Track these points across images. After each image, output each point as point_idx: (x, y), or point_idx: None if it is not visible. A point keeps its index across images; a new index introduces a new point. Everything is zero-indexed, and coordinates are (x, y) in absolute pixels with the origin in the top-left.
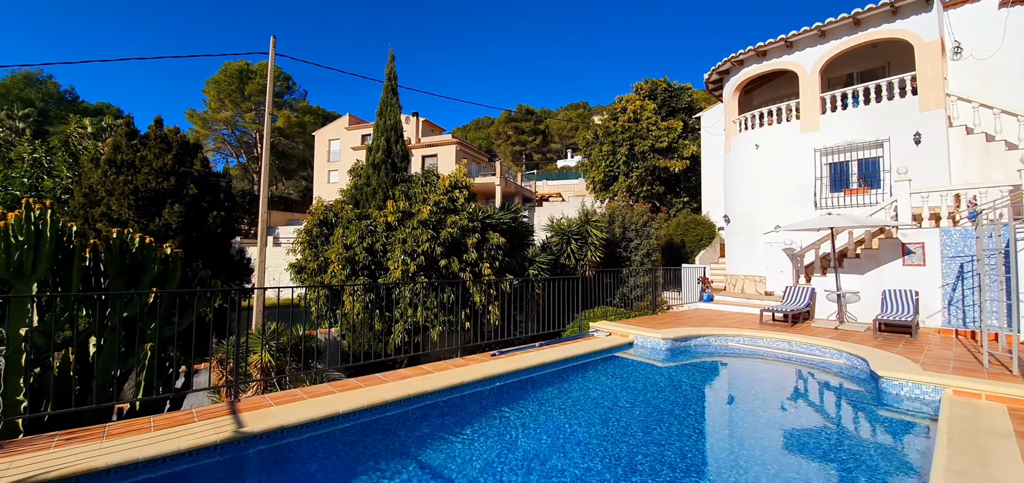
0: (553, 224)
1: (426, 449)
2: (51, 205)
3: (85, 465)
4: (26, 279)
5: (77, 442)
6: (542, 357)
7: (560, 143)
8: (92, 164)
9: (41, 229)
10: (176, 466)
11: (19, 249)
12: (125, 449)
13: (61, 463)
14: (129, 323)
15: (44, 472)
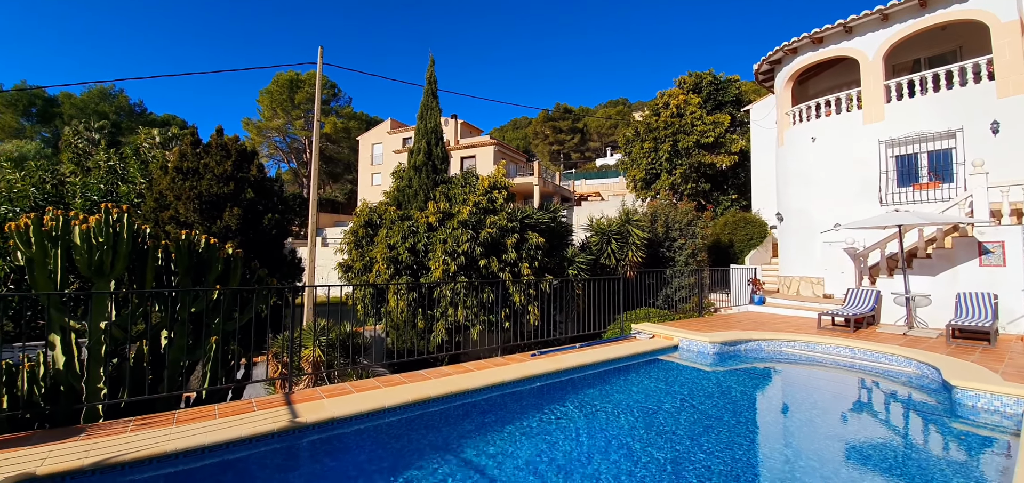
0: (592, 224)
1: (468, 445)
2: (127, 209)
3: (157, 449)
4: (106, 277)
5: (150, 427)
6: (583, 358)
7: (599, 141)
8: (161, 171)
9: (118, 231)
10: (238, 452)
11: (99, 250)
12: (192, 435)
13: (135, 446)
14: (196, 318)
15: (121, 454)
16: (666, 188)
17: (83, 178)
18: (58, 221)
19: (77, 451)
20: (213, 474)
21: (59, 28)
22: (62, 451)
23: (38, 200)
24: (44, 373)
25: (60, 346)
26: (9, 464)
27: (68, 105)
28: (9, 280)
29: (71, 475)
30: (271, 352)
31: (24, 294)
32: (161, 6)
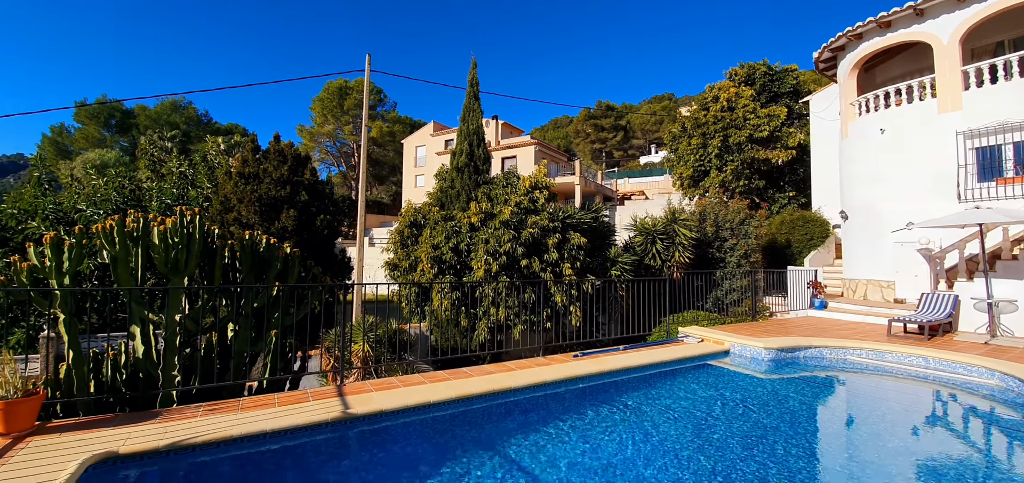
0: (636, 223)
1: (510, 443)
2: (198, 212)
3: (223, 433)
4: (180, 274)
5: (217, 413)
6: (627, 361)
7: (643, 138)
8: (226, 176)
9: (191, 232)
10: (296, 439)
11: (175, 249)
12: (255, 421)
13: (205, 430)
14: (258, 312)
15: (192, 437)
16: (716, 186)
17: (159, 183)
18: (139, 223)
19: (154, 433)
20: (273, 458)
21: (135, 46)
22: (141, 432)
23: (119, 203)
24: (125, 361)
25: (140, 336)
26: (95, 443)
27: (143, 116)
28: (94, 276)
29: (149, 455)
30: (323, 346)
31: (107, 289)
32: (226, 24)
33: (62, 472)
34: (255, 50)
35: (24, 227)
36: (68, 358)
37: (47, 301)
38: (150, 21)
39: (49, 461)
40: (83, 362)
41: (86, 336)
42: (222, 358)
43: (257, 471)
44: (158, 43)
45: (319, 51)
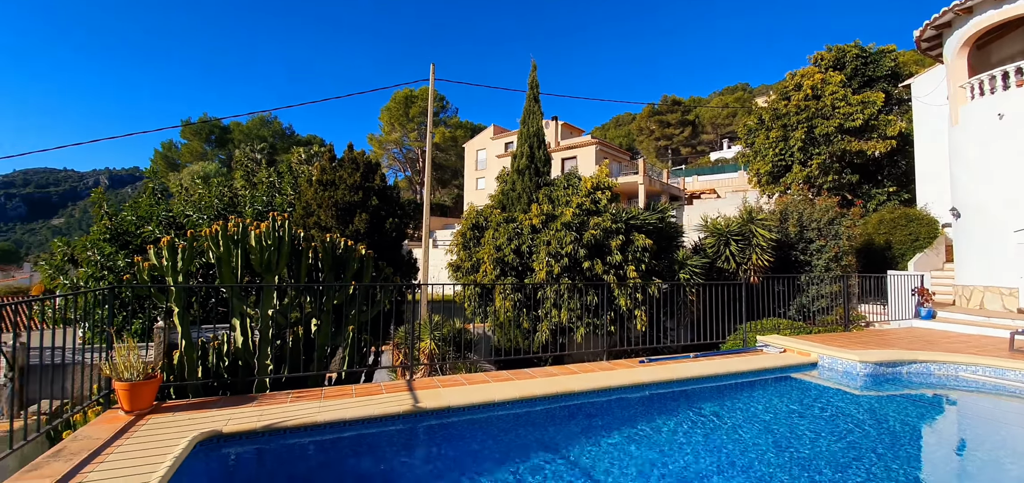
0: (707, 224)
1: (575, 447)
2: (287, 217)
3: (310, 419)
4: (272, 273)
5: (304, 400)
6: (698, 369)
7: (713, 133)
8: (307, 184)
9: (281, 235)
10: (371, 428)
11: (267, 250)
12: (336, 410)
13: (294, 415)
14: (337, 309)
15: (283, 421)
16: (799, 181)
17: (251, 191)
18: (239, 227)
19: (252, 415)
20: (351, 445)
21: (231, 69)
22: (241, 414)
23: (219, 210)
24: (227, 350)
25: (239, 328)
26: (203, 422)
27: (237, 132)
28: (198, 274)
29: (247, 435)
30: (393, 342)
31: (209, 285)
32: (307, 45)
33: (176, 446)
34: (332, 68)
35: (141, 231)
36: (180, 347)
37: (164, 296)
38: (242, 47)
39: (165, 437)
40: (193, 350)
41: (192, 328)
42: (306, 350)
43: (338, 455)
44: (250, 65)
45: (388, 64)
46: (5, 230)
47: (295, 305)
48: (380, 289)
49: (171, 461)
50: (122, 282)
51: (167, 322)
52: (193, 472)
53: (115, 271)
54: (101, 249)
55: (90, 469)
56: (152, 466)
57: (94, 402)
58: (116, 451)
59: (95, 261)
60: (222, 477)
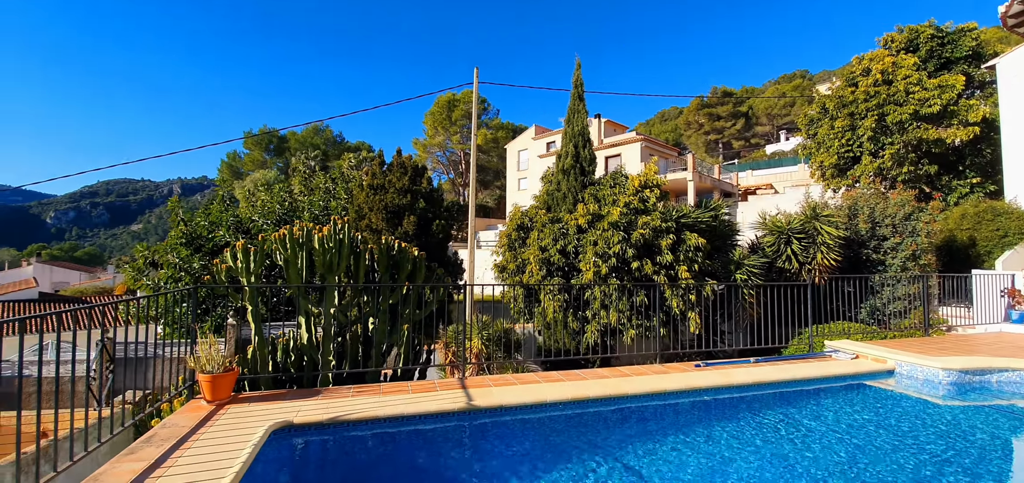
0: (765, 221)
1: (628, 450)
2: (347, 221)
3: (371, 413)
4: (333, 273)
5: (364, 395)
6: (760, 375)
7: (768, 124)
8: (359, 188)
9: (341, 238)
10: (427, 423)
11: (329, 252)
12: (395, 405)
13: (357, 409)
14: (392, 308)
15: (347, 414)
16: (869, 174)
17: (309, 197)
18: (304, 231)
19: (318, 408)
20: (408, 439)
21: (288, 83)
22: (309, 406)
23: (280, 215)
24: (293, 346)
25: (304, 326)
26: (276, 413)
27: (293, 141)
28: (263, 275)
29: (315, 426)
30: (442, 341)
31: (273, 286)
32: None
33: (254, 435)
34: (378, 75)
35: (213, 235)
36: (253, 342)
37: (239, 295)
38: (295, 60)
39: (243, 425)
40: (265, 346)
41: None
42: (364, 348)
43: (397, 448)
44: (303, 78)
45: (432, 70)
46: (91, 235)
47: (354, 304)
48: (432, 289)
49: (251, 448)
50: (201, 282)
51: (237, 319)
52: (268, 459)
53: (191, 272)
54: (178, 252)
55: (179, 454)
56: (234, 452)
57: (179, 392)
58: (201, 438)
59: (173, 264)
60: (294, 464)
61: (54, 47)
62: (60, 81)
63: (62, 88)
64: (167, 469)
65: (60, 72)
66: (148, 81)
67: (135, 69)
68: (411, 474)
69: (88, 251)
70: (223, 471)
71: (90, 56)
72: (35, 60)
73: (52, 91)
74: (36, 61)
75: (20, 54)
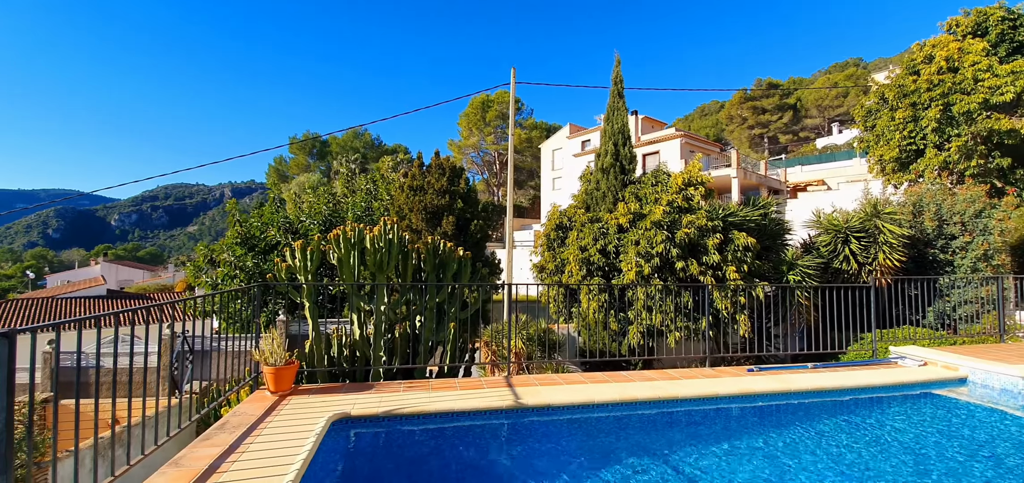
0: (820, 219)
1: (677, 454)
2: (396, 222)
3: (422, 408)
4: (383, 272)
5: (415, 390)
6: (817, 381)
7: (819, 116)
8: (399, 190)
9: (391, 238)
10: (475, 419)
11: (379, 251)
12: (445, 400)
13: (408, 403)
14: (438, 306)
15: (400, 408)
16: (934, 168)
17: (351, 198)
18: (356, 232)
19: (373, 401)
20: (457, 434)
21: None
22: (364, 399)
23: (326, 216)
24: (347, 342)
25: (356, 323)
26: (334, 405)
27: (335, 145)
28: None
29: (370, 418)
30: (482, 340)
31: (329, 283)
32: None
33: (316, 423)
34: (411, 81)
35: (265, 235)
36: (311, 337)
37: (298, 292)
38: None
39: (305, 415)
40: (321, 341)
41: (304, 322)
42: (413, 345)
43: (446, 442)
44: (342, 86)
45: (466, 70)
46: (151, 236)
47: (402, 302)
48: (477, 288)
49: (314, 437)
50: (265, 280)
51: (290, 315)
52: (329, 448)
53: (245, 270)
54: (234, 251)
55: (250, 440)
56: (300, 440)
57: (245, 383)
58: (268, 426)
59: (229, 262)
60: (352, 454)
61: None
62: (127, 93)
63: (127, 100)
64: (240, 454)
65: (130, 85)
66: (198, 91)
67: (189, 81)
68: (462, 469)
69: (149, 251)
70: (292, 457)
71: (154, 71)
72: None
73: (117, 103)
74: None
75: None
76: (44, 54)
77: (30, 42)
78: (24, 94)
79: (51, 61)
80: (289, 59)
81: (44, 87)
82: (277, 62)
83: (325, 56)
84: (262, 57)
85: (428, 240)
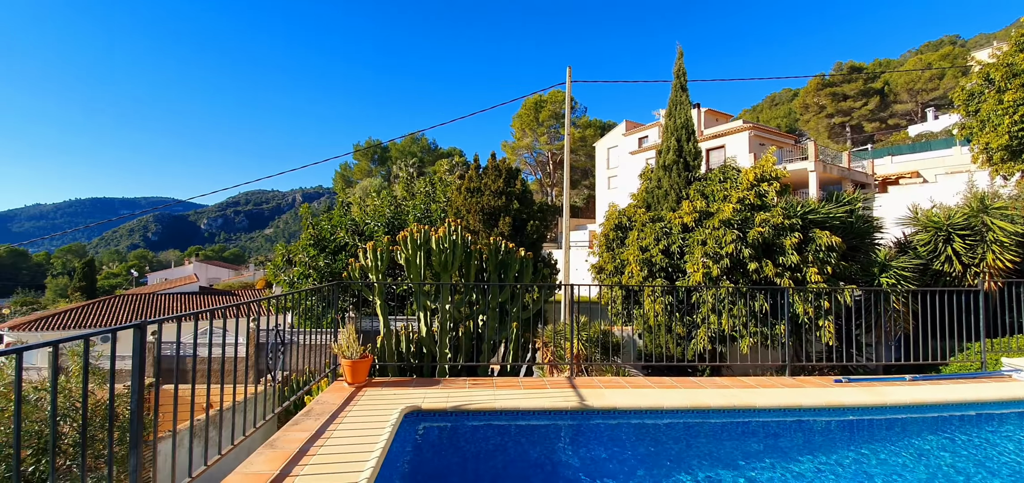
0: (917, 216)
1: (755, 468)
2: (460, 223)
3: (488, 405)
4: (448, 272)
5: (479, 387)
6: (919, 395)
7: (911, 101)
8: (456, 192)
9: (454, 240)
10: (541, 419)
11: (443, 253)
12: (509, 399)
13: (475, 400)
14: (500, 306)
15: (466, 404)
16: None
17: (411, 201)
18: (422, 233)
19: (441, 396)
20: (523, 433)
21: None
22: (433, 394)
23: (388, 218)
24: (414, 339)
25: (423, 320)
26: (405, 398)
27: (394, 150)
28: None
29: (439, 412)
30: (541, 340)
31: (389, 284)
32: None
33: (391, 415)
34: (468, 82)
35: (334, 237)
36: (381, 333)
37: (370, 290)
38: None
39: (380, 406)
40: (391, 337)
41: (374, 318)
42: (476, 343)
43: (511, 440)
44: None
45: (518, 72)
46: (234, 239)
47: (466, 301)
48: (538, 289)
49: (390, 428)
50: (340, 278)
51: (358, 312)
52: (402, 438)
53: (318, 269)
54: (308, 252)
55: (333, 427)
56: (378, 428)
57: (324, 374)
58: (348, 415)
59: (304, 262)
60: (422, 445)
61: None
62: (212, 109)
63: (213, 115)
64: (326, 439)
65: (215, 101)
66: (271, 104)
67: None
68: (527, 468)
69: (233, 252)
70: (371, 444)
71: (235, 89)
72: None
73: (204, 118)
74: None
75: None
76: (145, 78)
77: (133, 68)
78: (128, 112)
79: (152, 83)
80: (353, 70)
81: (143, 106)
82: (342, 73)
83: (385, 67)
84: (330, 69)
85: (490, 241)
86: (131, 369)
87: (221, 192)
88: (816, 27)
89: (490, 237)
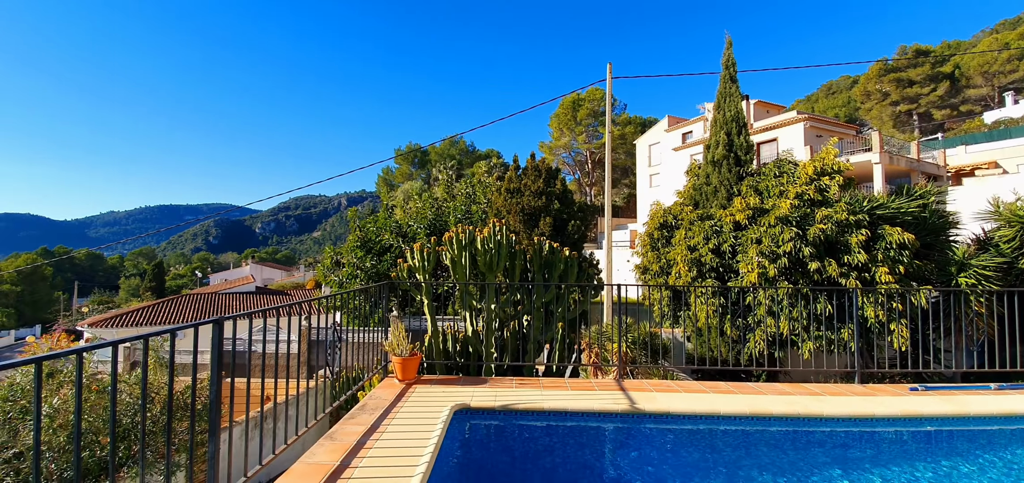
0: (999, 210)
1: (825, 478)
2: (504, 223)
3: (536, 405)
4: (493, 272)
5: (526, 387)
6: (1004, 405)
7: (986, 85)
8: (496, 192)
9: (500, 240)
10: (589, 421)
11: (489, 252)
12: (557, 400)
13: (522, 400)
14: (545, 306)
15: (514, 403)
16: None
17: (452, 203)
18: (467, 233)
19: (488, 395)
20: (570, 434)
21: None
22: (480, 392)
23: (430, 220)
24: (460, 337)
25: (468, 320)
26: (454, 396)
27: (434, 153)
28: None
29: (487, 411)
30: (585, 341)
31: (427, 283)
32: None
33: (441, 411)
34: (504, 85)
35: (380, 239)
36: (429, 332)
37: (417, 290)
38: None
39: (430, 403)
40: (438, 336)
41: (417, 317)
42: (521, 343)
43: (559, 440)
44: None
45: (555, 74)
46: (285, 241)
47: (511, 301)
48: (582, 290)
49: (442, 424)
50: (389, 278)
51: (402, 311)
52: (453, 435)
53: (364, 269)
54: (355, 253)
55: (387, 422)
56: (430, 424)
57: (375, 371)
58: (401, 410)
59: (351, 263)
60: (471, 442)
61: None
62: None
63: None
64: (381, 433)
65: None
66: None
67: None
68: (576, 469)
69: (284, 254)
70: (425, 439)
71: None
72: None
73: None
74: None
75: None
76: (202, 87)
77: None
78: (192, 123)
79: (209, 93)
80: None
81: (204, 116)
82: (384, 80)
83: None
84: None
85: (534, 241)
86: (210, 362)
87: (274, 198)
88: (874, 11)
89: (532, 237)
